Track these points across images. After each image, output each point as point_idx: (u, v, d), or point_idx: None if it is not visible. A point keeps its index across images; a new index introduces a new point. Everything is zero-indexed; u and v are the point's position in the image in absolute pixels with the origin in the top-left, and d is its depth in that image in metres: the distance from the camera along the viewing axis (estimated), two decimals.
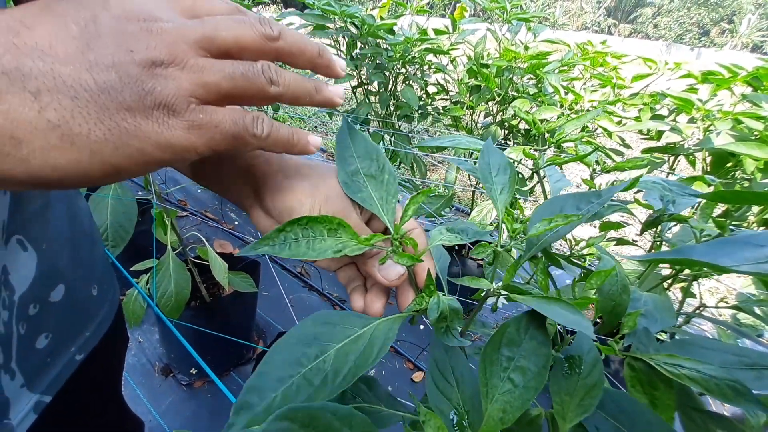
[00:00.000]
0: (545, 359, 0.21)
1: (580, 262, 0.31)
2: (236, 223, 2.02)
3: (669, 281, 0.60)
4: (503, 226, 0.28)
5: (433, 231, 0.29)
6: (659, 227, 0.44)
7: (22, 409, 0.32)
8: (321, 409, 0.19)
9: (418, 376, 1.32)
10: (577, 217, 0.23)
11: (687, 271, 0.54)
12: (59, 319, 0.35)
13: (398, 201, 0.29)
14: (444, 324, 0.26)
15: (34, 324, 0.32)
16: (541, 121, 1.18)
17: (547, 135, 1.22)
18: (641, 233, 0.42)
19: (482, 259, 1.56)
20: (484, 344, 0.23)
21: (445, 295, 0.26)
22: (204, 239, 1.08)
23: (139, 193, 1.62)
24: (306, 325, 0.23)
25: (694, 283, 0.58)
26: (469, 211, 1.89)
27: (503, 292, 0.25)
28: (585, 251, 0.37)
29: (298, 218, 0.25)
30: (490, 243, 0.27)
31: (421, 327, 1.48)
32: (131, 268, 0.92)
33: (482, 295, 0.27)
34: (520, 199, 1.17)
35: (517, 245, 0.27)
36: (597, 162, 0.51)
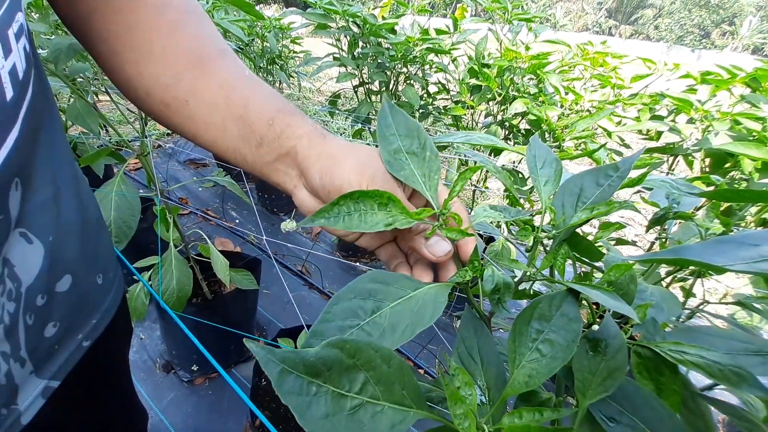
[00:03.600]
0: (575, 334, 0.22)
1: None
2: (237, 221, 2.02)
3: (669, 279, 0.61)
4: (544, 214, 0.28)
5: (477, 209, 0.30)
6: (665, 224, 0.45)
7: (30, 394, 0.32)
8: (366, 345, 0.21)
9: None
10: (619, 204, 0.24)
11: (689, 269, 0.55)
12: (66, 308, 0.35)
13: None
14: (497, 296, 0.27)
15: (42, 314, 0.32)
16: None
17: (547, 134, 1.22)
18: (647, 230, 0.43)
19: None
20: (515, 318, 0.24)
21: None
22: (206, 237, 1.08)
23: (140, 190, 1.62)
24: (362, 281, 0.25)
25: (697, 281, 0.58)
26: (470, 210, 1.90)
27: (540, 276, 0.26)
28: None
29: (350, 193, 0.25)
30: (532, 229, 0.28)
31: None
32: (134, 265, 0.92)
33: (516, 279, 0.28)
34: (520, 198, 1.18)
35: (538, 235, 0.27)
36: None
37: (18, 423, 0.31)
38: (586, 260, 0.31)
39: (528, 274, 0.27)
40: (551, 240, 0.27)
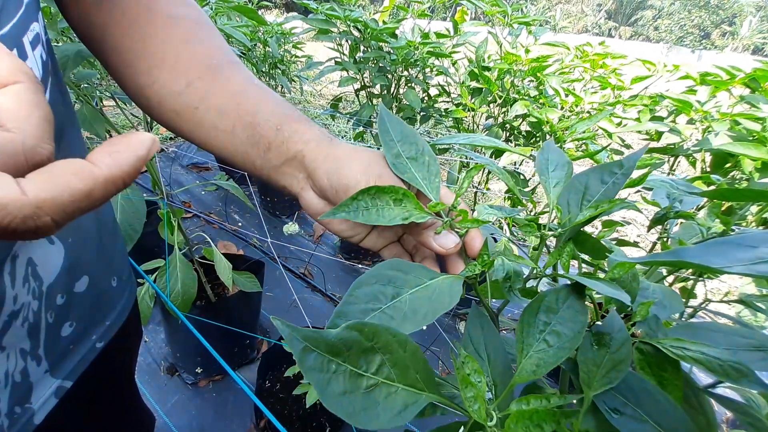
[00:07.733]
0: (581, 326, 0.23)
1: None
2: (240, 224, 2.03)
3: (671, 279, 0.61)
4: (552, 213, 0.29)
5: (479, 207, 0.31)
6: (666, 224, 0.46)
7: (44, 393, 0.33)
8: (384, 329, 0.22)
9: None
10: (620, 201, 0.25)
11: (691, 270, 0.55)
12: (82, 308, 0.36)
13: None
14: (509, 283, 0.28)
15: (61, 313, 0.33)
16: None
17: (548, 136, 1.23)
18: (649, 230, 0.43)
19: None
20: (523, 310, 0.25)
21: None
22: (209, 240, 1.09)
23: (144, 195, 1.63)
24: (382, 267, 0.26)
25: (699, 282, 0.59)
26: (472, 210, 1.90)
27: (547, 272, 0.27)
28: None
29: (368, 188, 0.26)
30: (537, 228, 0.29)
31: (424, 327, 1.49)
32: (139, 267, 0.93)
33: (524, 276, 0.29)
34: (523, 199, 1.18)
35: (545, 233, 0.28)
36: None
37: (31, 423, 0.32)
38: (590, 259, 0.31)
39: (535, 271, 0.28)
40: (556, 238, 0.28)
